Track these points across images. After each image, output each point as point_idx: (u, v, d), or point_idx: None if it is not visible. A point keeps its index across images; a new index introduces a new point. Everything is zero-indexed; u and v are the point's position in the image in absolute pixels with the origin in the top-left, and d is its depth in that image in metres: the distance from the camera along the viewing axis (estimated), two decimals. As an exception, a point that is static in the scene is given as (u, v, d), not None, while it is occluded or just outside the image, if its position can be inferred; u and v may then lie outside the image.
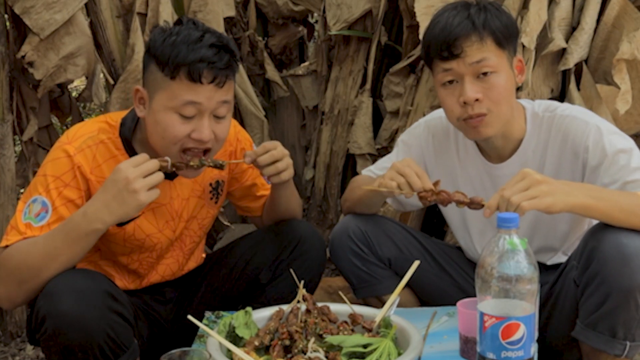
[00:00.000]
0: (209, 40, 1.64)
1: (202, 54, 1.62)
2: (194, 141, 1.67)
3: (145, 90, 1.70)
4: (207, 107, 1.65)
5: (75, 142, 1.72)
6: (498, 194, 1.55)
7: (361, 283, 2.00)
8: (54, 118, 3.00)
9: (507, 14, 1.77)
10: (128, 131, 1.77)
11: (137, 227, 1.82)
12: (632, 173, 1.66)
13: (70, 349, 1.53)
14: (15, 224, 1.66)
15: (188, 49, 1.62)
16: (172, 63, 1.62)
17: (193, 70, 1.61)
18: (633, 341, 1.61)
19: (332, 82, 3.14)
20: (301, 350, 1.45)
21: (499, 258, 1.32)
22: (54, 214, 1.66)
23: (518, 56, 1.80)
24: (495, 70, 1.71)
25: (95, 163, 1.73)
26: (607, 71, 2.43)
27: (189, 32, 1.65)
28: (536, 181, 1.53)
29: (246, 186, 2.02)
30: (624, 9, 2.38)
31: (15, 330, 2.60)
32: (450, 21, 1.70)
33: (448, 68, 1.72)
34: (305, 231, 1.96)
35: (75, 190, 1.70)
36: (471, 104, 1.71)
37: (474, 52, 1.69)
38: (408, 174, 1.68)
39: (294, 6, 3.18)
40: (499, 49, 1.72)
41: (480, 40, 1.69)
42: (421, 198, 1.68)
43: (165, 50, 1.63)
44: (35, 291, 1.60)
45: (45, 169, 1.70)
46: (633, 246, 1.56)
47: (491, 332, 1.31)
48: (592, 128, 1.74)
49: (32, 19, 2.44)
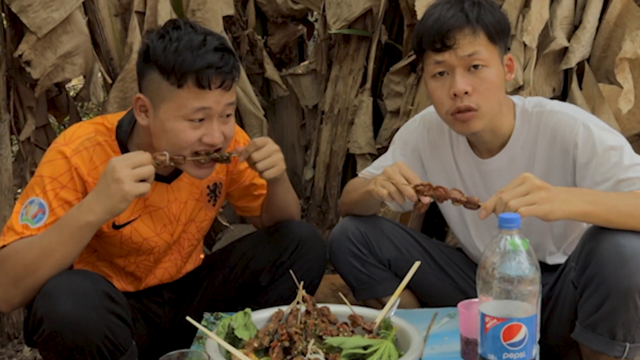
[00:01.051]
0: (212, 44, 1.62)
1: (208, 60, 1.60)
2: (205, 145, 1.67)
3: (147, 98, 1.67)
4: (215, 111, 1.64)
5: (72, 143, 1.71)
6: (496, 197, 1.54)
7: (360, 285, 1.99)
8: (52, 117, 2.99)
9: (500, 11, 1.78)
10: (125, 134, 1.76)
11: (134, 230, 1.80)
12: (625, 171, 1.66)
13: (68, 351, 1.53)
14: (12, 225, 1.65)
15: (193, 56, 1.59)
16: (179, 71, 1.59)
17: (202, 78, 1.59)
18: (633, 342, 1.61)
19: (332, 81, 3.13)
20: (301, 352, 1.45)
21: (500, 259, 1.31)
22: (50, 215, 1.65)
23: (509, 54, 1.80)
24: (486, 64, 1.71)
25: (92, 165, 1.72)
26: (610, 70, 2.42)
27: (190, 37, 1.62)
28: (536, 187, 1.52)
29: (244, 186, 2.01)
30: (627, 8, 2.37)
31: (12, 332, 2.59)
32: (444, 13, 1.71)
33: (440, 60, 1.73)
34: (305, 233, 1.95)
35: (72, 192, 1.69)
36: (460, 96, 1.71)
37: (467, 45, 1.70)
38: (398, 181, 1.67)
39: (294, 5, 3.18)
40: (491, 44, 1.72)
41: (473, 33, 1.70)
42: (417, 192, 1.66)
43: (169, 58, 1.60)
44: (33, 291, 1.58)
45: (42, 170, 1.69)
46: (631, 247, 1.55)
47: (492, 333, 1.30)
48: (580, 125, 1.74)
49: (30, 17, 2.43)
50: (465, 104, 1.71)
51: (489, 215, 1.54)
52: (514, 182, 1.55)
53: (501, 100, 1.78)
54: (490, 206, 1.54)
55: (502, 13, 1.79)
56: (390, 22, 3.01)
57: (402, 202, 1.69)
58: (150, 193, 1.79)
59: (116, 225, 1.77)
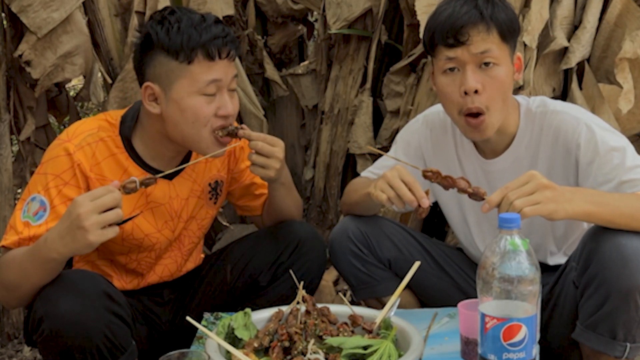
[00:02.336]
0: (211, 19, 1.70)
1: (213, 32, 1.67)
2: (220, 118, 1.71)
3: (155, 85, 1.69)
4: (225, 82, 1.71)
5: (74, 139, 1.72)
6: (501, 192, 1.53)
7: (361, 284, 1.99)
8: (52, 117, 2.99)
9: (512, 10, 1.77)
10: (128, 129, 1.77)
11: (136, 226, 1.80)
12: (627, 172, 1.66)
13: (68, 350, 1.53)
14: (14, 222, 1.66)
15: (198, 31, 1.66)
16: (188, 47, 1.65)
17: (211, 49, 1.66)
18: (633, 342, 1.61)
19: (332, 81, 3.13)
20: (301, 352, 1.45)
21: (500, 259, 1.30)
22: (52, 212, 1.66)
23: (517, 54, 1.80)
24: (497, 62, 1.71)
25: (94, 160, 1.72)
26: (610, 70, 2.42)
27: (189, 16, 1.69)
28: (542, 186, 1.52)
29: (245, 185, 2.02)
30: (627, 7, 2.37)
31: (12, 331, 2.59)
32: (458, 9, 1.71)
33: (452, 56, 1.72)
34: (305, 233, 1.95)
35: (75, 189, 1.69)
36: (470, 95, 1.70)
37: (480, 42, 1.69)
38: (397, 186, 1.67)
39: (294, 5, 3.17)
40: (503, 42, 1.72)
41: (487, 30, 1.69)
42: (425, 177, 1.68)
43: (174, 38, 1.65)
44: (25, 299, 1.60)
45: (45, 167, 1.70)
46: (632, 247, 1.55)
47: (492, 333, 1.30)
48: (583, 125, 1.74)
49: (30, 17, 2.43)
50: (475, 105, 1.71)
51: (492, 209, 1.54)
52: (521, 180, 1.54)
53: (509, 101, 1.78)
54: (494, 200, 1.53)
55: (514, 12, 1.78)
56: (390, 22, 3.01)
57: (402, 206, 1.70)
58: (153, 189, 1.80)
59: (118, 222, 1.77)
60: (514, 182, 1.54)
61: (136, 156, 1.78)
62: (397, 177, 1.68)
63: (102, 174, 1.72)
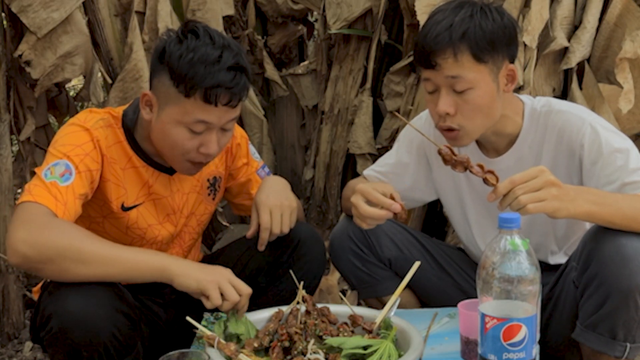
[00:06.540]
0: (226, 62, 1.62)
1: (219, 78, 1.61)
2: (201, 154, 1.69)
3: (154, 96, 1.69)
4: (217, 125, 1.67)
5: (87, 122, 1.72)
6: (510, 183, 1.50)
7: (361, 284, 1.99)
8: (52, 118, 2.99)
9: (505, 20, 1.70)
10: (130, 122, 1.78)
11: (140, 215, 1.81)
12: (630, 174, 1.65)
13: (75, 348, 1.52)
14: (39, 182, 1.58)
15: (206, 71, 1.60)
16: (189, 83, 1.61)
17: (210, 94, 1.61)
18: (633, 342, 1.61)
19: (332, 81, 3.13)
20: (301, 352, 1.45)
21: (500, 259, 1.30)
22: (77, 178, 1.62)
23: (510, 65, 1.74)
24: (471, 86, 1.68)
25: (107, 142, 1.73)
26: (610, 70, 2.42)
27: (207, 50, 1.62)
28: (550, 182, 1.51)
29: (241, 183, 2.02)
30: (627, 7, 2.37)
31: (12, 331, 2.59)
32: (434, 29, 1.67)
33: (428, 77, 1.72)
34: (305, 233, 1.94)
35: (95, 163, 1.68)
36: (443, 116, 1.71)
37: (449, 67, 1.67)
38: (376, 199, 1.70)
39: (294, 5, 3.17)
40: (478, 64, 1.67)
41: (455, 55, 1.65)
42: (440, 154, 1.65)
43: (182, 67, 1.61)
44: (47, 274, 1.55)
45: (63, 140, 1.67)
46: (632, 247, 1.55)
47: (492, 333, 1.30)
48: (587, 125, 1.73)
49: (30, 17, 2.43)
50: (447, 124, 1.71)
51: (498, 199, 1.52)
52: (530, 174, 1.51)
53: (493, 113, 1.74)
54: (501, 191, 1.51)
55: (507, 22, 1.71)
56: (390, 22, 3.01)
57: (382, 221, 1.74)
58: (154, 182, 1.81)
59: (125, 207, 1.78)
60: (522, 174, 1.52)
61: (138, 148, 1.79)
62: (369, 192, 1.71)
63: (113, 157, 1.73)
